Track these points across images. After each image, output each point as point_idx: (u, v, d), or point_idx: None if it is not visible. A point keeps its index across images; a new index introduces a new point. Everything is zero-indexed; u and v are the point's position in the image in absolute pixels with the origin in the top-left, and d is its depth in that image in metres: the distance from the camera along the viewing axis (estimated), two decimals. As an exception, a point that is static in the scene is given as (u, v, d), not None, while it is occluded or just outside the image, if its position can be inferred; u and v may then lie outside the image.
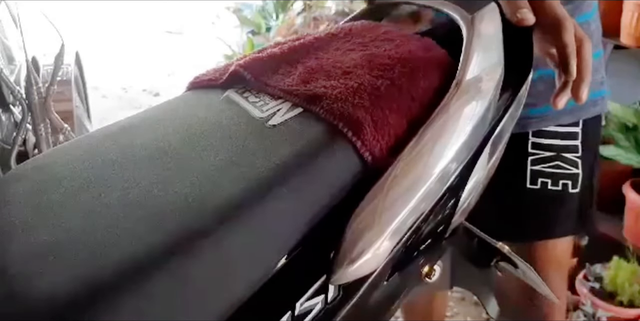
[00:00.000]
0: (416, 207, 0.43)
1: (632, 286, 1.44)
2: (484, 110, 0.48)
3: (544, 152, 0.81)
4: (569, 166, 0.81)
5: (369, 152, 0.43)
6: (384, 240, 0.41)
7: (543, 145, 0.81)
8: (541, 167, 0.81)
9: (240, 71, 0.51)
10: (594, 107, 0.80)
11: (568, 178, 0.81)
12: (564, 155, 0.81)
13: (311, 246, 0.41)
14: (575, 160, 0.81)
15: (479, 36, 0.50)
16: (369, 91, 0.45)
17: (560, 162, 0.81)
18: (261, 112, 0.47)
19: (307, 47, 0.54)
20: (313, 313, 0.42)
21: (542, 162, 0.81)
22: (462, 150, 0.46)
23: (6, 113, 1.28)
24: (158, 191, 0.39)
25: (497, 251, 0.59)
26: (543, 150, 0.81)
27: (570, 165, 0.81)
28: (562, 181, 0.81)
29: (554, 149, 0.81)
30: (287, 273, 0.40)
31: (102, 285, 0.33)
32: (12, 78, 1.28)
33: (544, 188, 0.81)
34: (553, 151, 0.81)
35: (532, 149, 0.81)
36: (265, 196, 0.39)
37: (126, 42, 4.09)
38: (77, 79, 2.03)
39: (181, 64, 3.64)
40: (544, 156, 0.81)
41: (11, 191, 0.42)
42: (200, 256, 0.35)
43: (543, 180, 0.81)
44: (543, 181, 0.81)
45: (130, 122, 0.49)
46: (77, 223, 0.37)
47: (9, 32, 1.58)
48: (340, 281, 0.42)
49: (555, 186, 0.81)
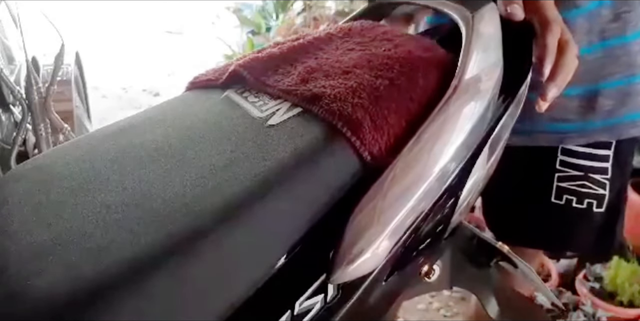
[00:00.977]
0: (415, 206, 0.43)
1: (632, 286, 1.44)
2: (483, 110, 0.48)
3: (571, 170, 0.80)
4: (596, 187, 0.80)
5: (368, 151, 0.43)
6: (383, 240, 0.42)
7: (571, 164, 0.80)
8: (567, 184, 0.80)
9: (240, 71, 0.51)
10: (632, 128, 0.78)
11: (594, 198, 0.81)
12: (592, 175, 0.80)
13: (310, 246, 0.41)
14: (603, 182, 0.80)
15: (479, 36, 0.50)
16: (368, 91, 0.45)
17: (587, 182, 0.80)
18: (260, 111, 0.47)
19: (307, 47, 0.54)
20: (312, 312, 0.42)
21: (569, 180, 0.80)
22: (461, 150, 0.46)
23: (6, 113, 1.29)
24: (158, 191, 0.39)
25: (497, 251, 0.59)
26: (571, 168, 0.80)
27: (597, 186, 0.80)
28: (587, 200, 0.81)
29: (582, 169, 0.80)
30: (286, 272, 0.40)
31: (102, 285, 0.33)
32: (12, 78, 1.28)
33: (568, 204, 0.81)
34: (581, 171, 0.80)
35: (560, 166, 0.81)
36: (265, 196, 0.39)
37: (126, 42, 4.09)
38: (77, 79, 2.03)
39: (181, 64, 3.64)
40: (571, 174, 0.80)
41: (11, 191, 0.42)
42: (199, 256, 0.35)
43: (568, 197, 0.81)
44: (568, 198, 0.81)
45: (130, 122, 0.49)
46: (77, 223, 0.37)
47: (9, 32, 1.58)
48: (339, 280, 0.42)
49: (579, 204, 0.81)
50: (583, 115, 0.76)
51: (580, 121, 0.77)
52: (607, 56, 0.73)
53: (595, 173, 0.80)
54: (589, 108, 0.76)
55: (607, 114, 0.76)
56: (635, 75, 0.74)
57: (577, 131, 0.78)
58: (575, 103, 0.76)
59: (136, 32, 4.32)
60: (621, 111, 0.76)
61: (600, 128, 0.77)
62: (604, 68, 0.74)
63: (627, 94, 0.75)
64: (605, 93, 0.75)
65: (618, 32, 0.72)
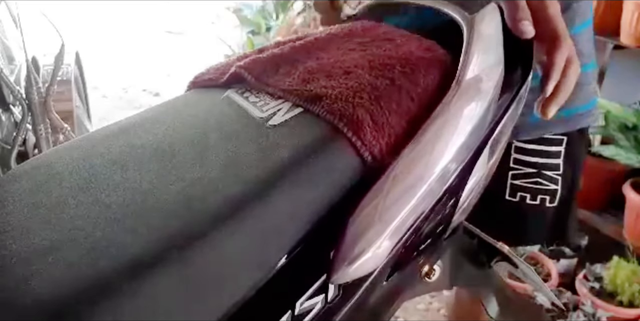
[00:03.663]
0: (416, 206, 0.43)
1: (632, 286, 1.44)
2: (483, 111, 0.48)
3: (525, 168, 0.82)
4: (549, 183, 0.82)
5: (369, 151, 0.43)
6: (384, 240, 0.42)
7: (524, 161, 0.82)
8: (521, 182, 0.83)
9: (241, 72, 0.51)
10: (585, 118, 0.81)
11: (546, 194, 0.83)
12: (545, 172, 0.82)
13: (311, 246, 0.41)
14: (555, 178, 0.82)
15: (479, 36, 0.50)
16: (369, 91, 0.45)
17: (540, 178, 0.82)
18: (261, 112, 0.47)
19: (308, 47, 0.54)
20: (313, 312, 0.42)
21: (523, 178, 0.82)
22: (462, 150, 0.46)
23: (6, 113, 1.28)
24: (158, 191, 0.39)
25: (497, 251, 0.59)
26: (524, 166, 0.82)
27: (550, 182, 0.82)
28: (541, 196, 0.83)
29: (535, 166, 0.82)
30: (287, 272, 0.40)
31: (102, 285, 0.33)
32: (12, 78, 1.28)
33: (522, 201, 0.83)
34: (534, 168, 0.82)
35: (514, 164, 0.82)
36: (266, 196, 0.39)
37: (126, 42, 4.09)
38: (77, 79, 2.03)
39: (181, 64, 3.64)
40: (525, 172, 0.82)
41: (11, 191, 0.42)
42: (200, 256, 0.35)
43: (522, 194, 0.83)
44: (522, 195, 0.83)
45: (130, 122, 0.49)
46: (77, 223, 0.37)
47: (9, 32, 1.58)
48: (340, 280, 0.42)
49: (533, 200, 0.83)
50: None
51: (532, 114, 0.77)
52: None
53: (548, 169, 0.82)
54: None
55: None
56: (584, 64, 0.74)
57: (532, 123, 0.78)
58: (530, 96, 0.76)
59: (136, 32, 4.31)
60: (574, 102, 0.77)
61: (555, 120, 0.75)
62: None
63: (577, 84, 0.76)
64: None
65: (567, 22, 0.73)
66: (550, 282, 1.54)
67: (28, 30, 1.21)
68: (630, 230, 1.56)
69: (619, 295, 1.44)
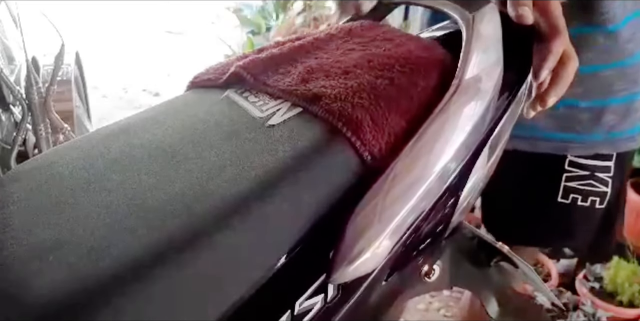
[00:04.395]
0: (416, 206, 0.43)
1: (632, 286, 1.44)
2: (483, 110, 0.48)
3: (579, 170, 0.85)
4: (600, 184, 0.85)
5: (368, 151, 0.43)
6: (384, 239, 0.42)
7: (579, 164, 0.84)
8: (575, 183, 0.85)
9: (240, 72, 0.51)
10: (630, 142, 0.84)
11: (597, 196, 0.85)
12: (597, 174, 0.84)
13: (311, 246, 0.41)
14: (606, 180, 0.85)
15: (479, 36, 0.50)
16: (369, 91, 0.45)
17: (593, 180, 0.85)
18: (261, 111, 0.47)
19: (307, 47, 0.54)
20: (312, 312, 0.42)
21: (577, 180, 0.85)
22: (462, 150, 0.46)
23: (6, 113, 1.28)
24: (158, 191, 0.39)
25: (497, 251, 0.59)
26: (579, 168, 0.85)
27: (601, 184, 0.85)
28: (591, 198, 0.86)
29: (589, 169, 0.85)
30: (286, 272, 0.40)
31: (101, 285, 0.33)
32: (12, 78, 1.28)
33: (574, 203, 0.86)
34: (588, 170, 0.85)
35: (569, 166, 0.85)
36: (265, 196, 0.39)
37: (126, 42, 4.09)
38: (77, 79, 2.03)
39: (181, 64, 3.64)
40: (579, 174, 0.85)
41: (11, 191, 0.42)
42: (199, 256, 0.35)
43: (574, 196, 0.86)
44: (574, 197, 0.86)
45: (130, 122, 0.49)
46: (77, 223, 0.37)
47: (9, 32, 1.58)
48: (339, 280, 0.42)
49: (584, 202, 0.86)
50: (589, 128, 0.82)
51: (585, 133, 0.82)
52: (618, 73, 0.78)
53: (600, 171, 0.84)
54: (595, 121, 0.81)
55: (610, 128, 0.82)
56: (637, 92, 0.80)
57: (581, 142, 0.83)
58: (585, 116, 0.80)
59: (136, 32, 4.32)
60: (622, 126, 0.82)
61: (602, 141, 0.82)
62: (613, 84, 0.79)
63: (629, 110, 0.81)
64: (611, 108, 0.80)
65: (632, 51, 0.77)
66: (550, 282, 1.54)
67: (28, 30, 1.21)
68: (630, 230, 1.56)
69: (619, 295, 1.44)
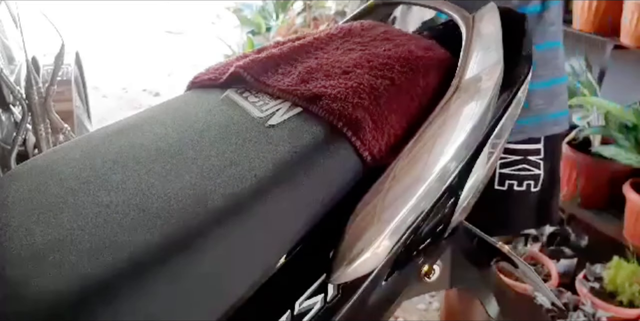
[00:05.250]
0: (416, 206, 0.43)
1: (632, 286, 1.43)
2: (483, 110, 0.48)
3: (512, 156, 0.88)
4: (533, 167, 0.88)
5: (368, 151, 0.43)
6: (384, 239, 0.41)
7: (512, 149, 0.87)
8: (509, 169, 0.88)
9: (240, 72, 0.51)
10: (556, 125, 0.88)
11: (531, 179, 0.88)
12: (529, 157, 0.88)
13: (311, 246, 0.41)
14: (537, 162, 0.88)
15: (479, 36, 0.50)
16: (369, 91, 0.45)
17: (525, 164, 0.88)
18: (261, 111, 0.47)
19: (307, 47, 0.54)
20: (312, 312, 0.42)
21: (510, 165, 0.88)
22: (462, 150, 0.46)
23: (6, 113, 1.28)
24: (158, 191, 0.39)
25: (497, 251, 0.59)
26: (511, 154, 0.88)
27: (534, 167, 0.88)
28: (526, 182, 0.89)
29: (521, 153, 0.87)
30: (286, 272, 0.40)
31: (102, 284, 0.33)
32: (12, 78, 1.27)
33: (510, 188, 0.89)
34: (520, 155, 0.87)
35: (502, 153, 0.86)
36: (265, 196, 0.39)
37: (126, 42, 4.09)
38: (77, 79, 2.03)
39: (181, 64, 3.64)
40: (512, 160, 0.88)
41: (11, 191, 0.42)
42: (199, 256, 0.35)
43: (509, 182, 0.88)
44: (509, 183, 0.88)
45: (130, 122, 0.49)
46: (77, 223, 0.37)
47: (9, 32, 1.57)
48: (339, 280, 0.42)
49: (520, 187, 0.89)
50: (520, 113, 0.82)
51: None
52: (541, 58, 0.79)
53: (531, 155, 0.88)
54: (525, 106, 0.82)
55: (538, 111, 0.85)
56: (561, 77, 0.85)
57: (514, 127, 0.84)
58: None
59: (136, 32, 4.31)
60: (549, 110, 0.85)
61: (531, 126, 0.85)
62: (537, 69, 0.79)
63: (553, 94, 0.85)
64: (537, 93, 0.83)
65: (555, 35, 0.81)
66: (550, 282, 1.54)
67: (28, 30, 1.21)
68: (630, 230, 1.55)
69: (619, 295, 1.44)
